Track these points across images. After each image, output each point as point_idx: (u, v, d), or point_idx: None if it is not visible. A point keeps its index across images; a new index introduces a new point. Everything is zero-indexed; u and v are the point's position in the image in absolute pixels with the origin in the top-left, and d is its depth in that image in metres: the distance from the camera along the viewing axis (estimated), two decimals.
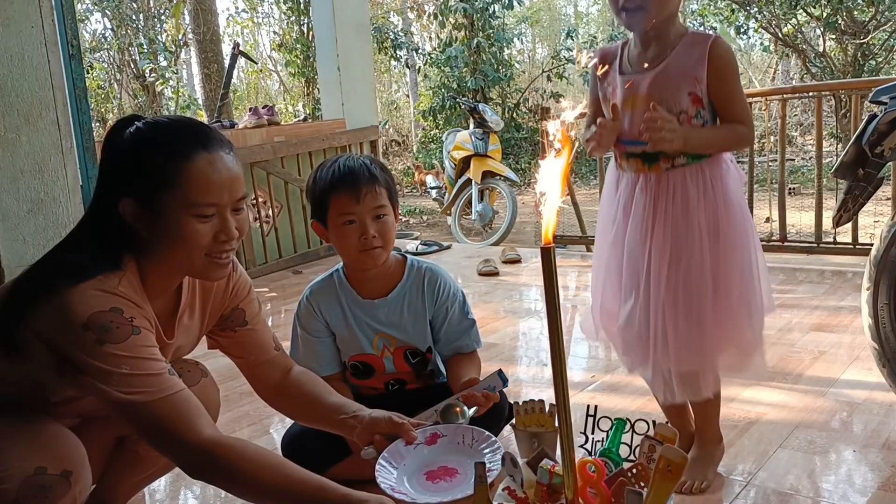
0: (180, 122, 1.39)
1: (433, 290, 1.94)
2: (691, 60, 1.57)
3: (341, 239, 1.84)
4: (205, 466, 1.29)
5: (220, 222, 1.34)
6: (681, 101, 1.59)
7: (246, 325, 1.61)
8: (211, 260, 1.36)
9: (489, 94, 11.22)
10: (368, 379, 1.97)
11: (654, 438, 1.07)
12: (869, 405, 2.22)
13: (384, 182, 1.84)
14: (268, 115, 4.86)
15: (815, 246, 3.99)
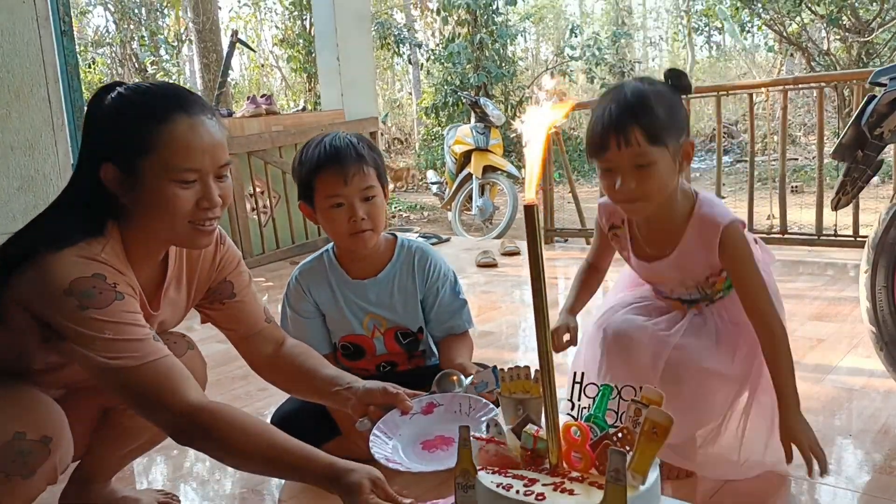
0: (161, 87, 1.36)
1: (423, 270, 1.91)
2: (703, 251, 1.53)
3: (330, 222, 1.80)
4: (190, 432, 1.27)
5: (203, 188, 1.31)
6: (700, 274, 1.61)
7: (234, 297, 1.58)
8: (194, 227, 1.33)
9: (492, 92, 11.20)
10: (359, 360, 1.94)
11: (640, 402, 1.05)
12: (866, 391, 2.19)
13: (372, 161, 1.79)
14: (266, 105, 4.85)
15: (815, 238, 3.96)
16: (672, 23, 15.85)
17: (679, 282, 1.65)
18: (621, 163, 1.44)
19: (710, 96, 4.35)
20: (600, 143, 1.45)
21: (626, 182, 1.44)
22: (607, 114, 1.44)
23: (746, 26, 10.48)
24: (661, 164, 1.44)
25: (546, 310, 1.00)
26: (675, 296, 1.69)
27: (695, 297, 1.66)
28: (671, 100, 1.48)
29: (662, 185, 1.47)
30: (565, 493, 0.99)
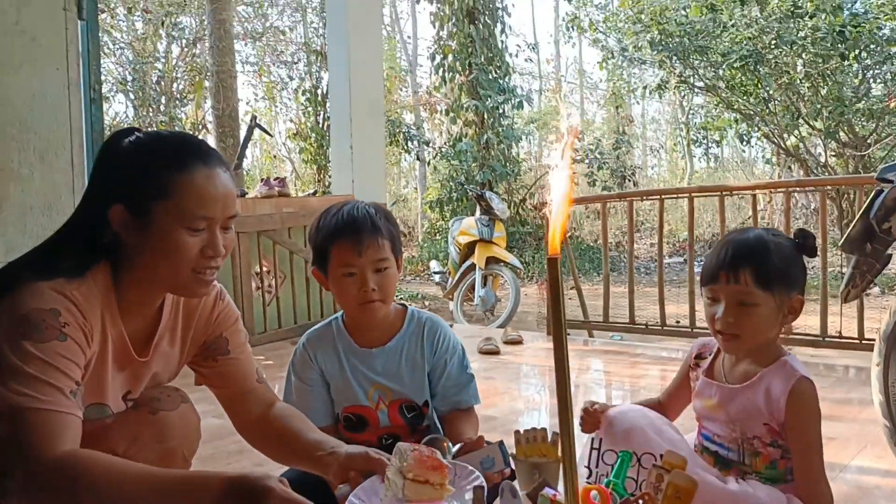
0: (181, 136, 1.43)
1: (433, 341, 1.89)
2: (773, 393, 1.50)
3: (341, 290, 1.79)
4: (56, 481, 1.15)
5: (209, 237, 1.33)
6: (755, 427, 1.52)
7: (228, 353, 1.56)
8: (195, 275, 1.34)
9: (496, 189, 11.42)
10: (362, 433, 1.88)
11: (661, 467, 1.02)
12: (881, 488, 2.14)
13: (388, 233, 1.80)
14: (279, 187, 4.94)
15: (820, 340, 3.94)
16: (671, 133, 16.36)
17: (729, 423, 1.55)
18: (727, 297, 1.48)
19: (713, 196, 4.43)
20: (712, 274, 1.51)
21: (726, 315, 1.48)
22: (725, 250, 1.51)
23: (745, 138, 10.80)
24: (764, 308, 1.47)
25: (567, 363, 0.99)
26: (716, 443, 1.58)
27: (731, 458, 1.56)
28: (790, 254, 1.52)
29: (760, 328, 1.49)
30: None
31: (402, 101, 14.65)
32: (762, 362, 1.53)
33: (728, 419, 1.54)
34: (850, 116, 8.88)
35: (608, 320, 4.78)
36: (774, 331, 1.52)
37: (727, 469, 1.54)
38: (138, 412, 1.45)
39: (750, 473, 1.52)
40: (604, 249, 5.03)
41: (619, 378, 3.94)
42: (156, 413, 1.45)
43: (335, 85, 5.54)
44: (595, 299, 5.09)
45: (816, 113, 9.14)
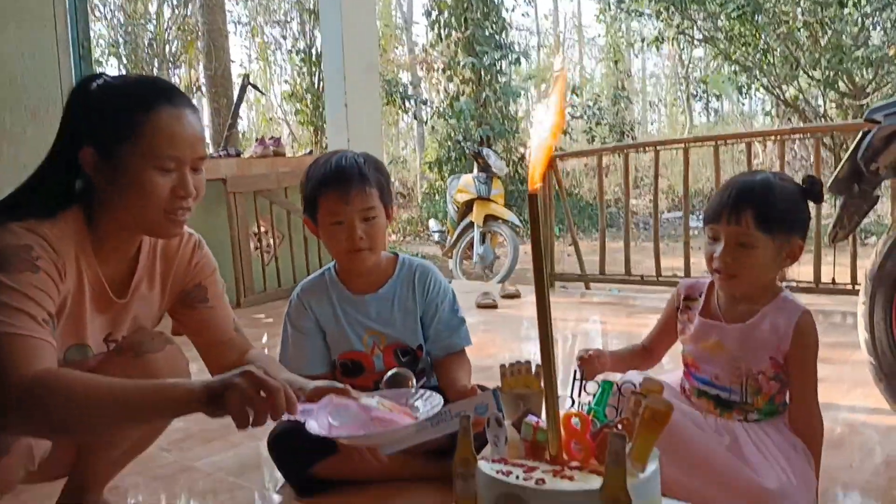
0: (147, 77, 1.43)
1: (423, 286, 1.93)
2: (778, 328, 1.52)
3: (330, 239, 1.85)
4: (30, 399, 1.18)
5: (179, 178, 1.34)
6: (761, 361, 1.54)
7: (207, 301, 1.60)
8: (167, 216, 1.36)
9: (494, 147, 11.38)
10: (357, 378, 1.92)
11: (639, 393, 1.05)
12: (867, 426, 2.18)
13: (375, 182, 1.83)
14: (274, 146, 4.93)
15: (814, 287, 3.98)
16: (671, 88, 16.21)
17: (732, 362, 1.56)
18: (727, 236, 1.49)
19: (709, 146, 4.43)
20: (714, 212, 1.52)
21: (725, 255, 1.49)
22: (730, 190, 1.52)
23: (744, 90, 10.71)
24: (763, 251, 1.48)
25: (548, 296, 1.02)
26: (717, 386, 1.58)
27: (733, 399, 1.57)
28: (795, 198, 1.52)
29: (758, 270, 1.50)
30: (565, 479, 0.99)
31: (398, 60, 14.49)
32: (761, 300, 1.55)
33: (731, 357, 1.55)
34: (849, 65, 8.80)
35: (604, 273, 4.81)
36: (772, 273, 1.54)
37: (729, 411, 1.56)
38: (123, 356, 1.47)
39: (752, 412, 1.56)
40: (600, 202, 5.04)
41: (616, 328, 3.99)
42: (141, 356, 1.47)
43: (328, 44, 5.48)
44: (593, 255, 5.11)
45: (815, 63, 9.06)
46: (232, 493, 1.90)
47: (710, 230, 1.54)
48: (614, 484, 0.93)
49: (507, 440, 1.11)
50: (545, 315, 1.01)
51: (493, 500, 1.00)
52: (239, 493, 1.89)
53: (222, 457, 2.16)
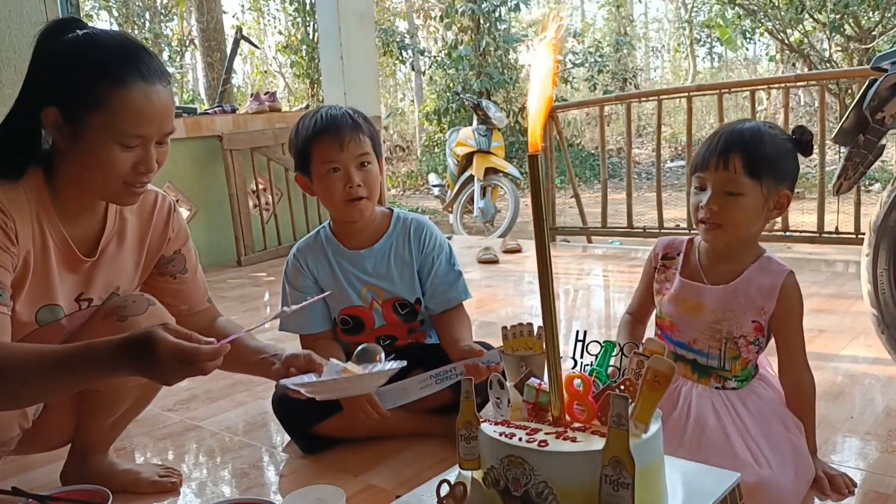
0: (123, 44, 1.33)
1: (419, 240, 1.92)
2: (762, 289, 1.49)
3: (326, 189, 1.81)
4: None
5: (143, 153, 1.32)
6: (743, 325, 1.51)
7: (186, 272, 1.61)
8: (126, 187, 1.34)
9: (494, 98, 11.24)
10: (359, 335, 1.93)
11: (642, 354, 1.05)
12: (867, 376, 2.19)
13: (367, 131, 1.83)
14: (269, 102, 4.87)
15: (817, 236, 3.96)
16: (674, 33, 15.92)
17: (713, 325, 1.54)
18: (714, 184, 1.46)
19: (712, 94, 4.37)
20: (702, 159, 1.48)
21: (711, 203, 1.46)
22: (717, 139, 1.48)
23: (748, 34, 10.52)
24: (750, 198, 1.45)
25: (549, 255, 1.01)
26: (694, 350, 1.56)
27: (711, 364, 1.55)
28: (784, 148, 1.48)
29: (744, 218, 1.47)
30: (567, 440, 0.99)
31: (395, 8, 14.21)
32: (744, 260, 1.53)
33: (713, 320, 1.52)
34: (854, 8, 8.61)
35: (606, 226, 4.79)
36: (758, 224, 1.51)
37: (706, 377, 1.54)
38: (107, 321, 1.46)
39: (729, 379, 1.54)
40: (601, 154, 4.99)
41: (618, 282, 3.99)
42: (125, 320, 1.45)
43: None
44: (595, 206, 5.09)
45: (821, 5, 8.86)
46: (238, 452, 1.92)
47: (697, 179, 1.51)
48: (617, 445, 0.93)
49: (510, 402, 1.11)
50: (547, 280, 1.00)
51: (496, 462, 1.00)
52: (245, 452, 1.91)
53: (228, 416, 2.18)
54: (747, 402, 1.50)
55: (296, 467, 1.81)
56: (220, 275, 4.48)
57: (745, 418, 1.47)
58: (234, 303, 3.75)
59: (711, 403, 1.50)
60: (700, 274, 1.56)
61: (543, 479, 0.95)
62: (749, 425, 1.46)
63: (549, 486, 0.95)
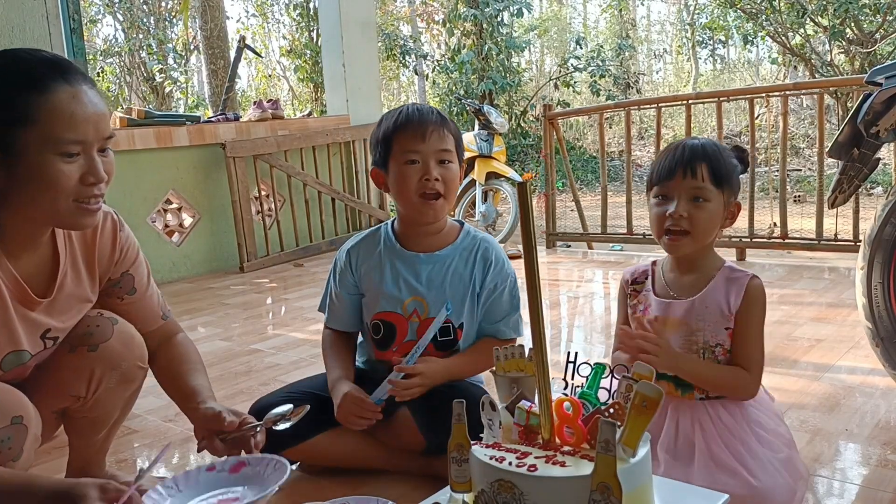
0: (38, 55, 1.27)
1: (485, 262, 1.79)
2: (730, 295, 1.52)
3: (401, 181, 1.70)
4: None
5: (87, 162, 1.25)
6: (717, 334, 1.53)
7: (135, 292, 1.54)
8: (79, 206, 1.27)
9: (497, 101, 11.26)
10: (387, 348, 1.80)
11: (630, 377, 1.07)
12: (863, 388, 2.20)
13: (453, 130, 1.75)
14: (272, 109, 4.90)
15: (815, 243, 3.97)
16: (676, 36, 15.93)
17: (689, 337, 1.55)
18: (681, 191, 1.50)
19: (710, 102, 4.38)
20: (668, 170, 1.51)
21: (679, 210, 1.49)
22: (680, 150, 1.52)
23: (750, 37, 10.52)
24: (714, 205, 1.50)
25: (539, 285, 1.03)
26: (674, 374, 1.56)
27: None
28: (734, 163, 1.56)
29: (708, 226, 1.51)
30: (557, 464, 1.01)
31: (398, 13, 14.25)
32: (708, 271, 1.56)
33: (688, 332, 1.54)
34: (856, 12, 8.61)
35: (606, 231, 4.80)
36: (715, 231, 1.55)
37: (690, 391, 1.55)
38: (77, 354, 1.44)
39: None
40: (601, 161, 5.01)
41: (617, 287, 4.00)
42: (96, 349, 1.44)
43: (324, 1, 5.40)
44: (596, 209, 5.10)
45: (822, 9, 8.86)
46: None
47: (659, 189, 1.53)
48: (604, 470, 0.95)
49: (502, 424, 1.13)
50: (536, 307, 1.02)
51: (486, 486, 1.02)
52: None
53: None
54: (733, 410, 1.52)
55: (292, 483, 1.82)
56: (222, 281, 4.51)
57: (732, 427, 1.49)
58: (236, 310, 3.77)
59: (698, 418, 1.52)
60: (668, 290, 1.59)
61: (533, 502, 0.97)
62: (736, 433, 1.47)
63: None
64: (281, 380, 2.55)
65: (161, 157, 4.54)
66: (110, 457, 2.01)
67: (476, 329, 1.81)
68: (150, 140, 4.44)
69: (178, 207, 4.75)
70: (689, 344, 1.55)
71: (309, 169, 5.08)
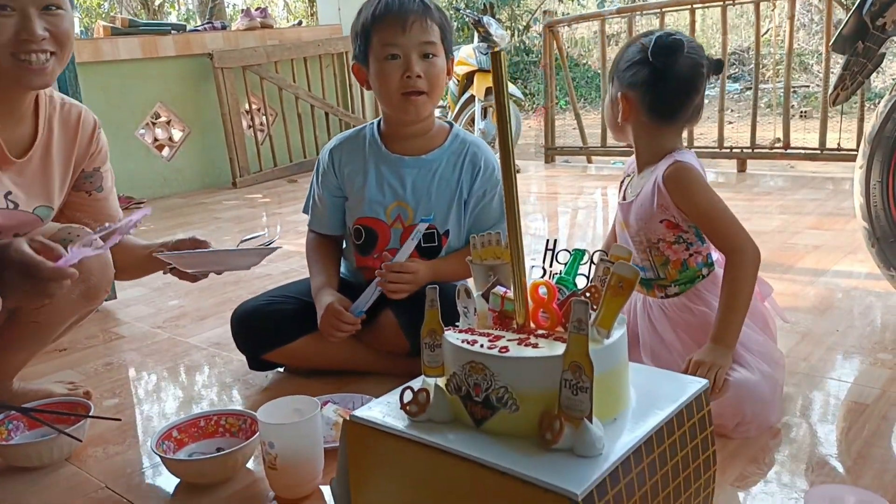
0: None
1: (473, 168, 1.71)
2: (650, 186, 1.49)
3: (381, 78, 1.60)
4: None
5: (21, 20, 1.31)
6: (655, 228, 1.50)
7: (102, 190, 1.63)
8: (18, 61, 1.33)
9: (499, 16, 10.93)
10: (369, 254, 1.75)
11: (608, 260, 1.03)
12: (858, 291, 2.18)
13: (437, 19, 1.61)
14: (261, 17, 4.73)
15: (818, 152, 3.89)
16: None
17: (636, 237, 1.55)
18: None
19: (716, 6, 4.21)
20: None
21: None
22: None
23: None
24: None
25: (513, 162, 0.98)
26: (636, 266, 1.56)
27: (649, 276, 1.56)
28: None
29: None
30: (529, 346, 0.98)
31: None
32: (654, 171, 1.51)
33: (634, 232, 1.54)
34: None
35: (606, 145, 4.71)
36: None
37: (650, 290, 1.56)
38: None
39: (669, 286, 1.54)
40: (602, 72, 4.87)
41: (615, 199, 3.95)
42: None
43: None
44: (598, 129, 5.00)
45: None
46: (226, 365, 1.94)
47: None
48: (576, 350, 0.91)
49: (477, 311, 1.10)
50: (511, 184, 0.97)
51: (458, 369, 1.00)
52: (231, 366, 1.93)
53: (216, 332, 2.20)
54: (693, 307, 1.50)
55: (280, 382, 1.82)
56: (214, 196, 4.46)
57: (693, 324, 1.47)
58: (228, 223, 3.74)
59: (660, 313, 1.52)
60: (626, 193, 1.58)
61: (503, 384, 0.95)
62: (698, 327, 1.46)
63: (510, 391, 0.94)
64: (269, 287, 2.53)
65: (147, 67, 4.42)
66: (100, 360, 2.02)
67: (463, 236, 1.75)
68: (135, 50, 4.31)
69: (167, 121, 4.66)
70: (638, 245, 1.55)
71: (301, 82, 4.94)
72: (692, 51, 1.46)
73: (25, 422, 1.50)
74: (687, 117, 1.52)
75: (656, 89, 1.47)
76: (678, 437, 1.00)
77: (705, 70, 1.49)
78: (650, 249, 1.54)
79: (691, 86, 1.48)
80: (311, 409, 1.31)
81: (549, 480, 0.84)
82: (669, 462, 0.98)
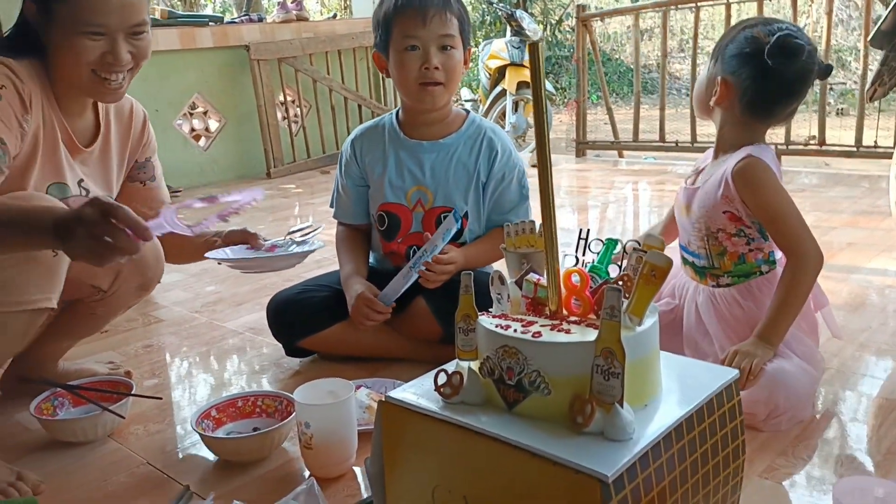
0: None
1: (491, 151, 1.76)
2: (720, 177, 1.47)
3: (400, 68, 1.67)
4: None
5: (110, 44, 1.38)
6: (717, 218, 1.49)
7: (154, 179, 1.71)
8: (97, 77, 1.40)
9: (531, 10, 10.89)
10: (392, 239, 1.81)
11: (641, 249, 1.04)
12: (892, 290, 2.16)
13: (457, 12, 1.67)
14: (296, 10, 4.78)
15: (854, 150, 3.83)
16: None
17: (696, 224, 1.55)
18: None
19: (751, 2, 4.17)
20: None
21: None
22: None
23: None
24: None
25: (548, 151, 1.00)
26: (690, 253, 1.58)
27: (704, 265, 1.57)
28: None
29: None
30: (562, 332, 1.00)
31: None
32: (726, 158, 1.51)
33: (695, 219, 1.54)
34: None
35: (638, 140, 4.69)
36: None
37: (703, 278, 1.56)
38: None
39: (722, 276, 1.54)
40: (636, 67, 4.85)
41: (648, 195, 3.94)
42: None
43: None
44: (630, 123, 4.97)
45: None
46: (259, 350, 1.98)
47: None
48: (609, 336, 0.93)
49: (510, 297, 1.12)
50: (546, 173, 0.99)
51: (491, 353, 1.02)
52: (266, 350, 1.97)
53: (251, 318, 2.25)
54: (743, 302, 1.50)
55: (313, 367, 1.86)
56: (249, 186, 4.51)
57: (739, 318, 1.47)
58: (262, 213, 3.79)
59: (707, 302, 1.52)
60: (695, 178, 1.57)
61: (536, 368, 0.97)
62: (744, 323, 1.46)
63: (542, 375, 0.96)
64: (303, 277, 2.58)
65: (185, 58, 4.49)
66: (139, 343, 2.08)
67: (482, 219, 1.80)
68: (173, 41, 4.38)
69: (204, 111, 4.73)
70: (697, 231, 1.54)
71: (335, 74, 4.99)
72: (809, 56, 1.43)
73: (71, 399, 1.55)
74: (781, 118, 1.51)
75: (762, 87, 1.45)
76: (708, 425, 1.01)
77: (814, 76, 1.47)
78: (708, 238, 1.53)
79: (797, 91, 1.46)
80: (346, 392, 1.34)
81: (581, 462, 0.86)
82: (699, 449, 1.00)
